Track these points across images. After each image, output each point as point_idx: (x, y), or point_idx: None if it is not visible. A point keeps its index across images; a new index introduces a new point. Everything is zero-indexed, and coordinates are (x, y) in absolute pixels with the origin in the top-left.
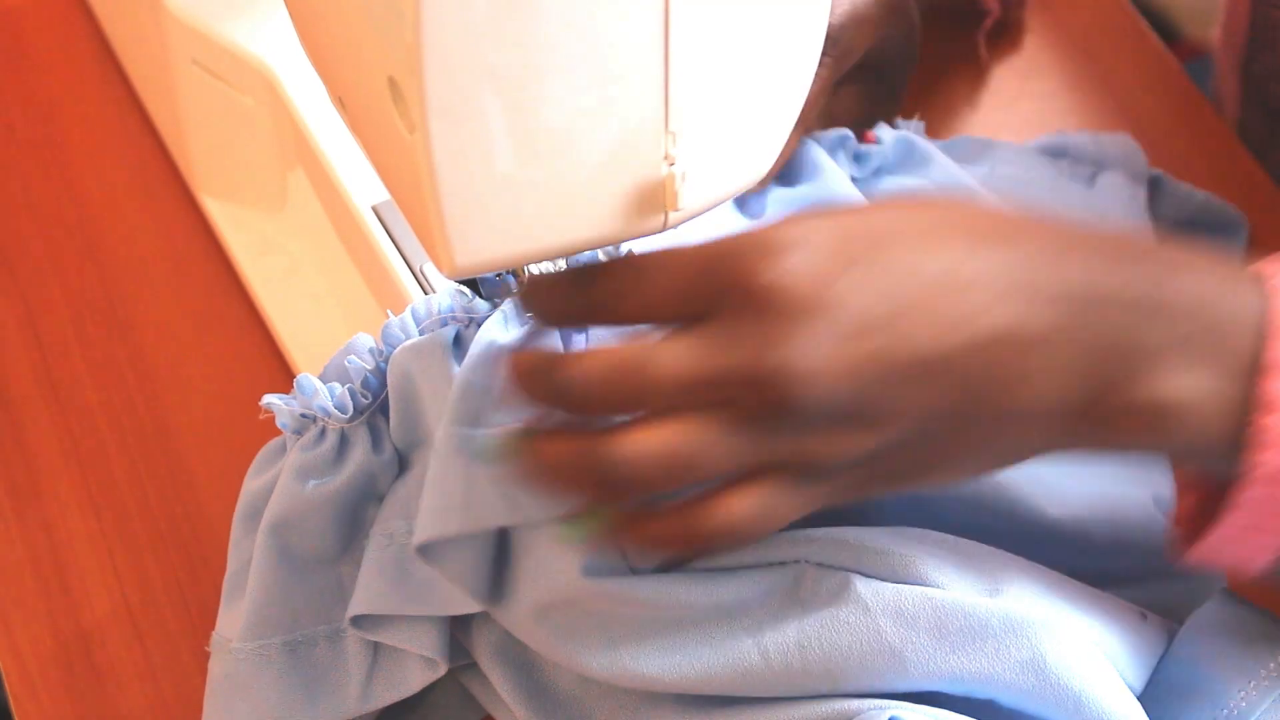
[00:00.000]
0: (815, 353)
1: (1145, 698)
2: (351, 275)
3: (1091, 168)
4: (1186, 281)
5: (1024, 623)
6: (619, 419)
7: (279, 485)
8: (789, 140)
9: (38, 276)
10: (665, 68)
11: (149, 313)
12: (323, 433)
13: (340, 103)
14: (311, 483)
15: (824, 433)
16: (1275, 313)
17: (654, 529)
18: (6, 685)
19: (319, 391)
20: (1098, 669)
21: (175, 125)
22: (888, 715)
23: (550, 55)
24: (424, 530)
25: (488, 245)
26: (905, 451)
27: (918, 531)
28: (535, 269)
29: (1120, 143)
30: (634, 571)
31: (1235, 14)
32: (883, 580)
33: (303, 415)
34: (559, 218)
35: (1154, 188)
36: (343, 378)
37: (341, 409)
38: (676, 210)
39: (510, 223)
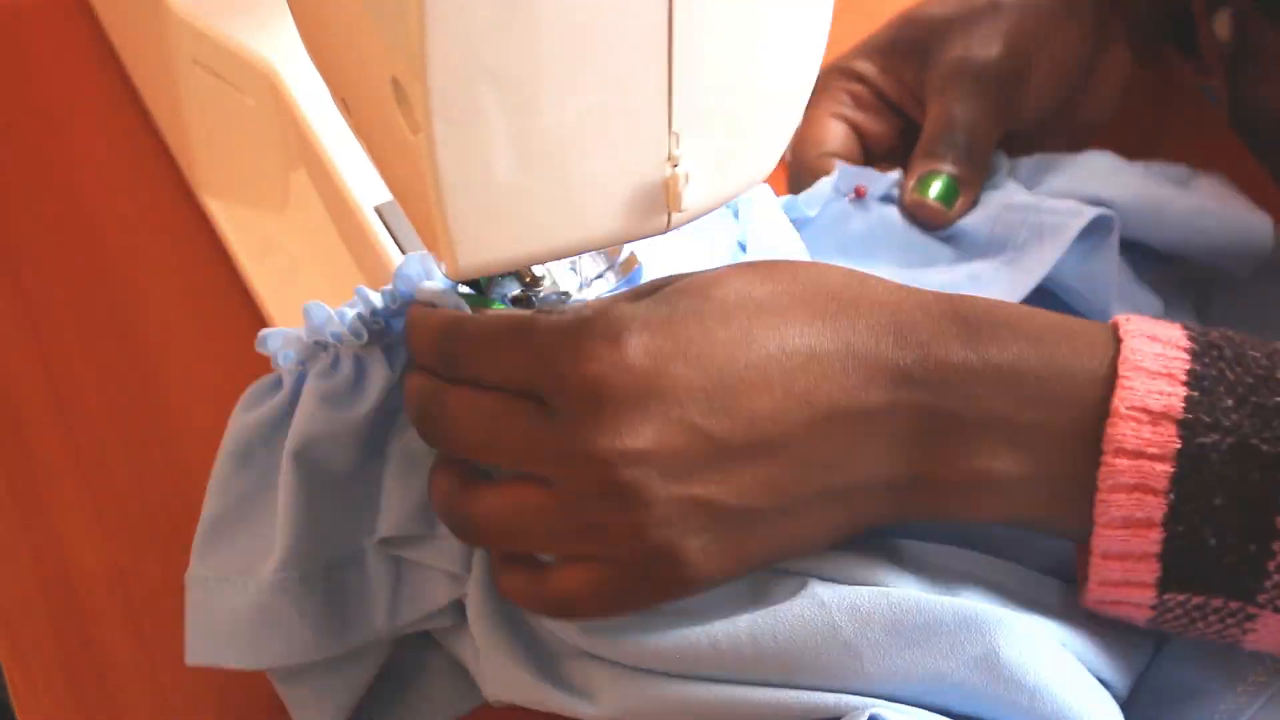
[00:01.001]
0: (640, 442)
1: (1139, 699)
2: (354, 276)
3: (1179, 176)
4: (1020, 352)
5: (978, 619)
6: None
7: (302, 411)
8: (968, 188)
9: (38, 276)
10: (669, 68)
11: (150, 313)
12: (336, 360)
13: (343, 103)
14: (337, 410)
15: (654, 522)
16: (1123, 358)
17: (503, 583)
18: (9, 685)
19: (330, 318)
20: (1056, 664)
21: (177, 125)
22: (868, 714)
23: (554, 56)
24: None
25: (491, 246)
26: (740, 537)
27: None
28: (536, 270)
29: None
30: None
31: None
32: (840, 583)
33: (315, 343)
34: (562, 218)
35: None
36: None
37: (356, 334)
38: (680, 211)
39: (514, 223)
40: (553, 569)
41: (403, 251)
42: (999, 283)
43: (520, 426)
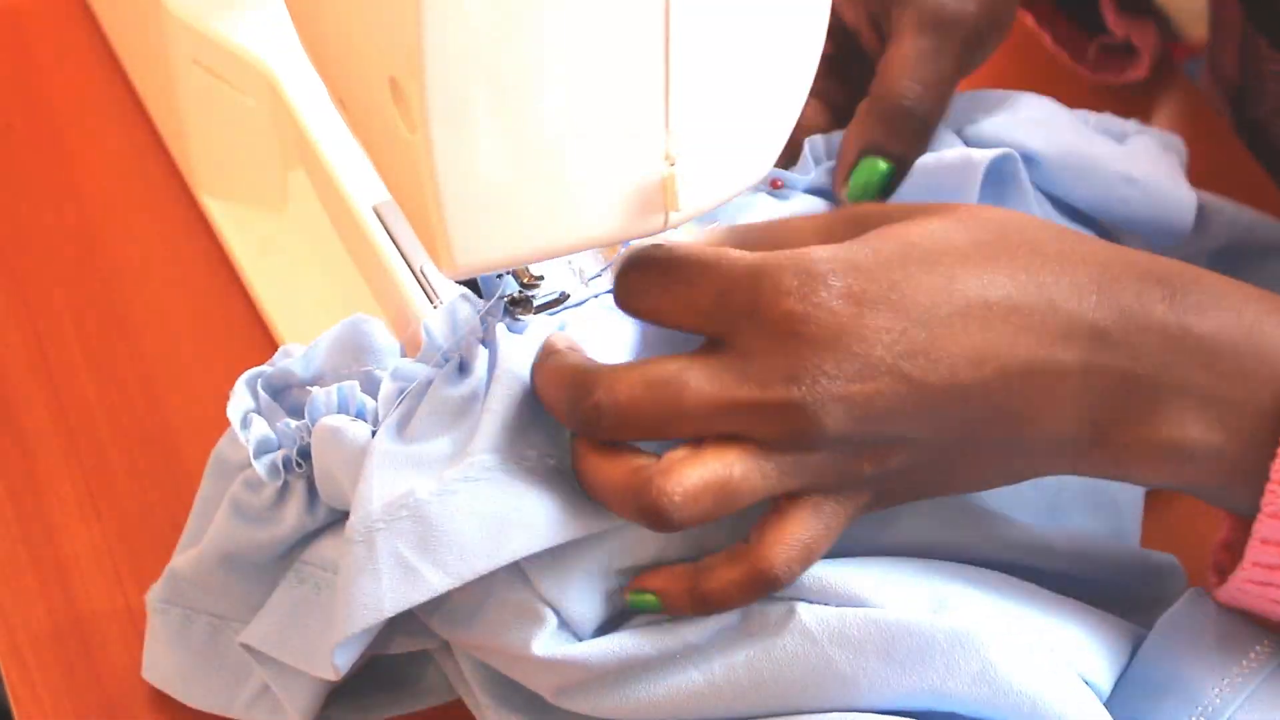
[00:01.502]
0: (838, 385)
1: (1119, 697)
2: (352, 275)
3: (1120, 131)
4: (1216, 319)
5: (970, 635)
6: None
7: (220, 518)
8: (910, 165)
9: (38, 276)
10: (666, 67)
11: (149, 312)
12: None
13: (341, 103)
14: (248, 525)
15: (848, 456)
16: None
17: (708, 589)
18: (6, 684)
19: (256, 437)
20: (1051, 672)
21: (176, 125)
22: None
23: (551, 55)
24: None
25: (488, 245)
26: (922, 469)
27: (856, 559)
28: (535, 269)
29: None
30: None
31: (1224, 64)
32: (825, 604)
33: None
34: (560, 217)
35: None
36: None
37: (271, 474)
38: (677, 210)
39: (511, 222)
40: (762, 535)
41: (401, 251)
42: None
43: (703, 388)
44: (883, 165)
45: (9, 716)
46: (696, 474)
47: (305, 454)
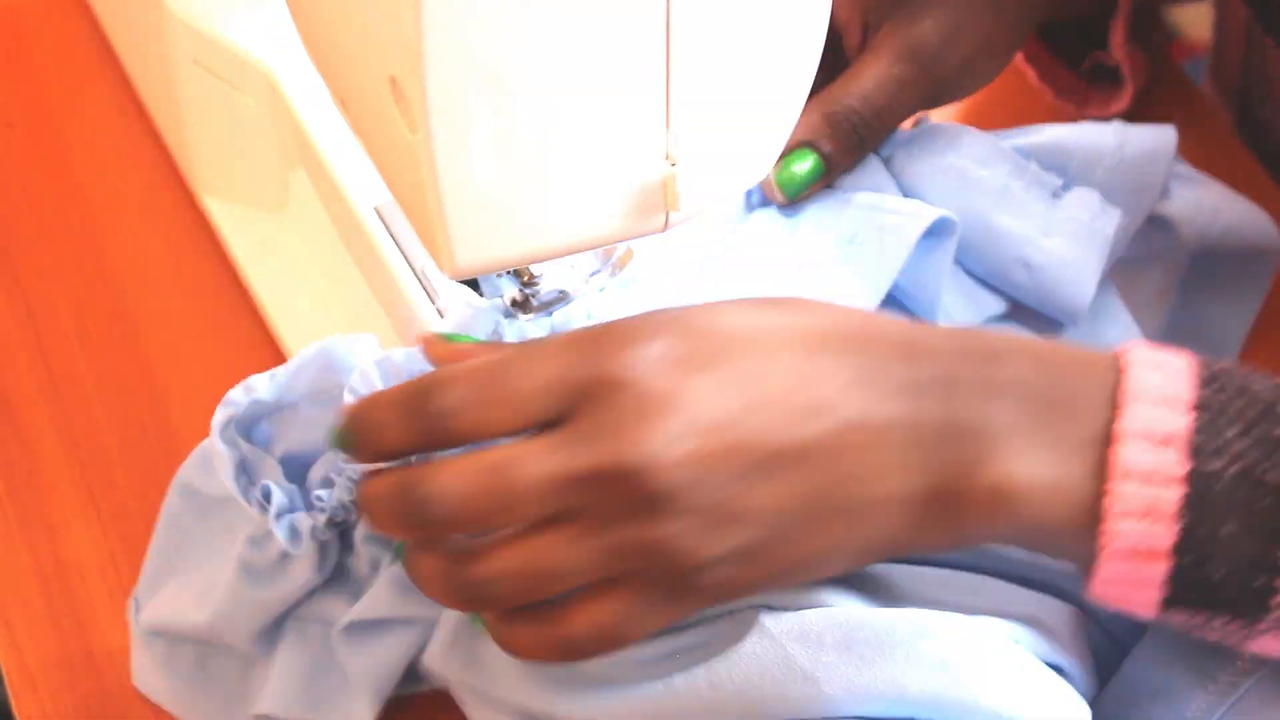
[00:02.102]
0: (672, 449)
1: (1106, 701)
2: (353, 276)
3: (1062, 178)
4: (1028, 371)
5: (930, 625)
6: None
7: (228, 585)
8: (836, 172)
9: (39, 276)
10: (666, 67)
11: (150, 313)
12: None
13: (342, 103)
14: (257, 586)
15: (685, 532)
16: (1125, 387)
17: (518, 640)
18: (8, 684)
19: (275, 502)
20: (1014, 662)
21: (176, 125)
22: None
23: (551, 54)
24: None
25: (489, 245)
26: (766, 550)
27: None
28: (535, 269)
29: (1138, 150)
30: None
31: (1229, 64)
32: (785, 610)
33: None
34: (560, 217)
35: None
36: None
37: (295, 539)
38: (678, 210)
39: (512, 223)
40: (567, 608)
41: (402, 251)
42: (843, 280)
43: (538, 466)
44: (813, 158)
45: (9, 716)
46: (504, 556)
47: (330, 523)
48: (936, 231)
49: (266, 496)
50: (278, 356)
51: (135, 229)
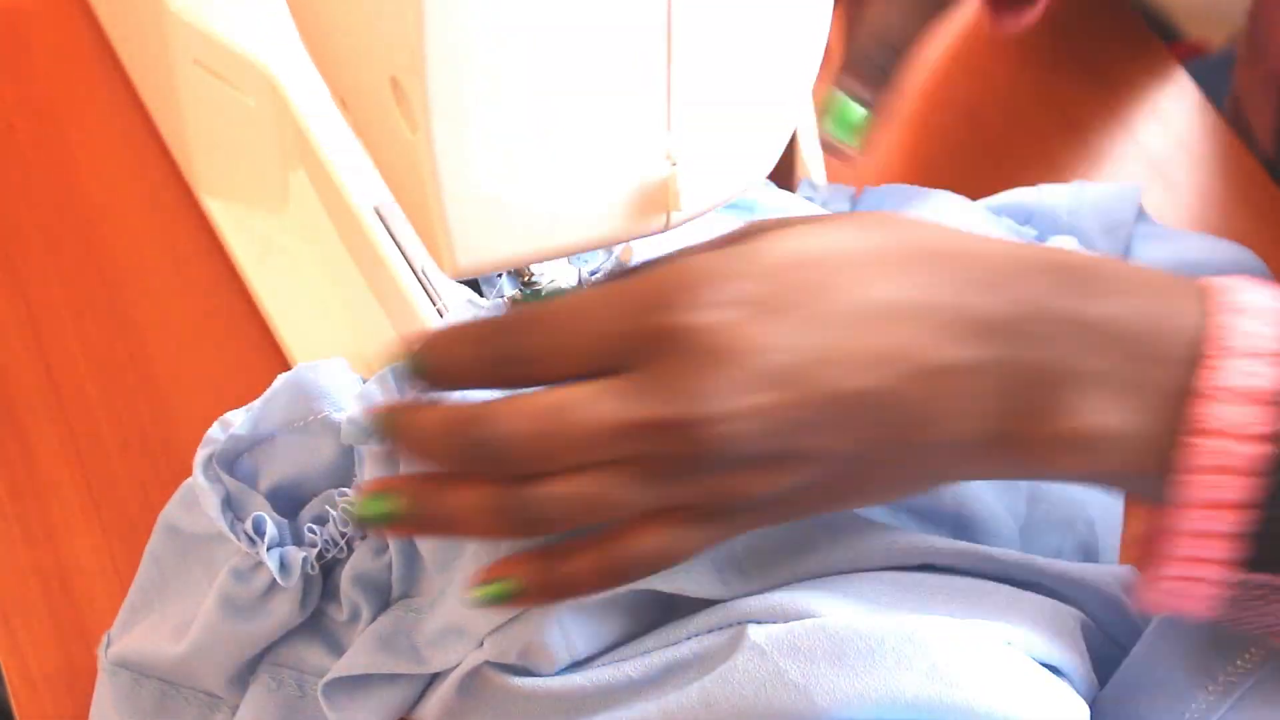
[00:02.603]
0: (734, 399)
1: (1107, 699)
2: (353, 276)
3: (1038, 228)
4: (1118, 305)
5: (920, 632)
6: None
7: (207, 617)
8: (885, 113)
9: (39, 276)
10: (668, 67)
11: (150, 313)
12: (258, 564)
13: (342, 103)
14: (237, 619)
15: (740, 475)
16: (1211, 336)
17: (564, 572)
18: (8, 685)
19: (267, 534)
20: (1008, 665)
21: (176, 125)
22: None
23: (552, 54)
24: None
25: (490, 245)
26: (822, 486)
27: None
28: (535, 269)
29: (1098, 194)
30: (528, 673)
31: (1272, 53)
32: (773, 623)
33: (249, 550)
34: (561, 217)
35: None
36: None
37: (286, 572)
38: (679, 210)
39: (512, 223)
40: (621, 534)
41: (402, 251)
42: None
43: (595, 413)
44: (857, 104)
45: (10, 716)
46: (562, 488)
47: (320, 557)
48: None
49: (258, 529)
50: (278, 356)
51: (135, 229)
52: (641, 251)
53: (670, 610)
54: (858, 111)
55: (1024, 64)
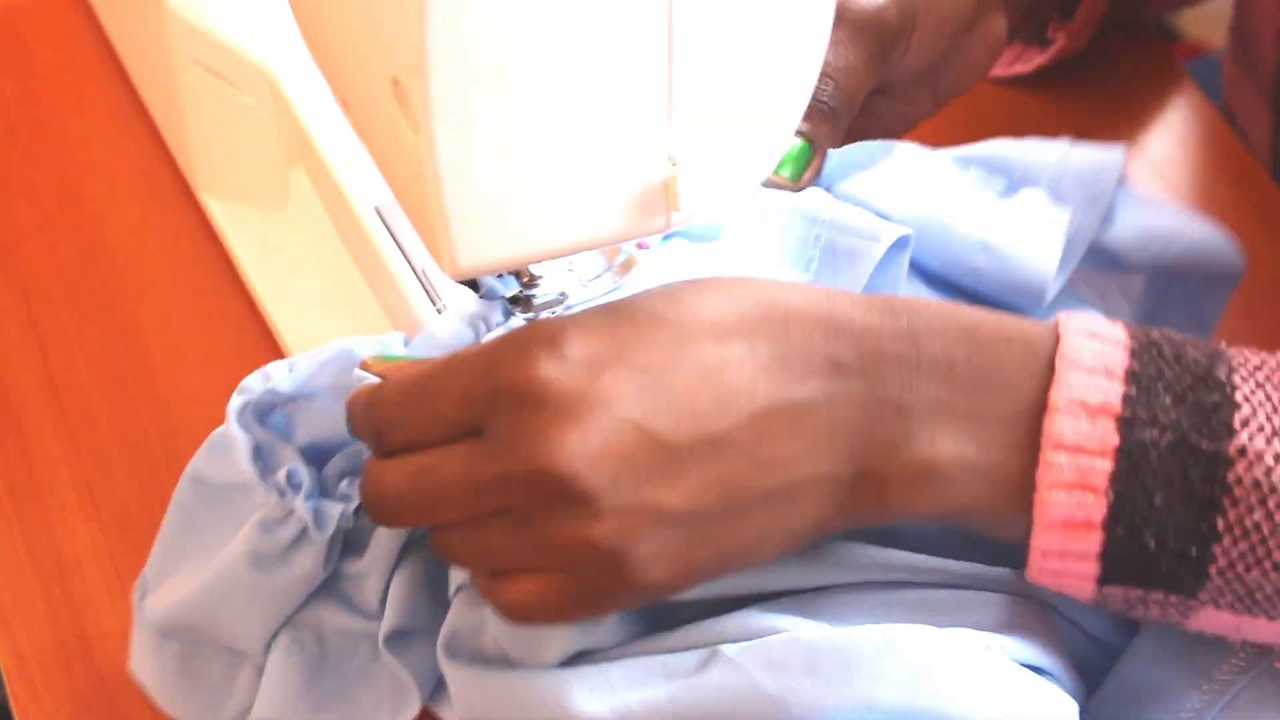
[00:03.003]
0: (586, 447)
1: (1101, 700)
2: (353, 276)
3: (1007, 179)
4: (944, 337)
5: (897, 639)
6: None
7: (226, 559)
8: (826, 135)
9: (39, 276)
10: (668, 67)
11: (150, 313)
12: (287, 515)
13: (343, 103)
14: (262, 571)
15: (608, 531)
16: (1059, 354)
17: (483, 588)
18: (7, 685)
19: (304, 486)
20: (987, 669)
21: (177, 124)
22: None
23: (554, 55)
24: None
25: (491, 246)
26: (692, 545)
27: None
28: (535, 269)
29: (1082, 160)
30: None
31: (1260, 48)
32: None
33: (279, 503)
34: (562, 218)
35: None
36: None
37: (321, 524)
38: (679, 210)
39: (513, 223)
40: (506, 577)
41: (402, 251)
42: None
43: (460, 466)
44: (798, 141)
45: (9, 716)
46: (452, 534)
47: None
48: (893, 246)
49: (293, 480)
50: (277, 356)
51: (135, 229)
52: (645, 260)
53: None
54: (793, 143)
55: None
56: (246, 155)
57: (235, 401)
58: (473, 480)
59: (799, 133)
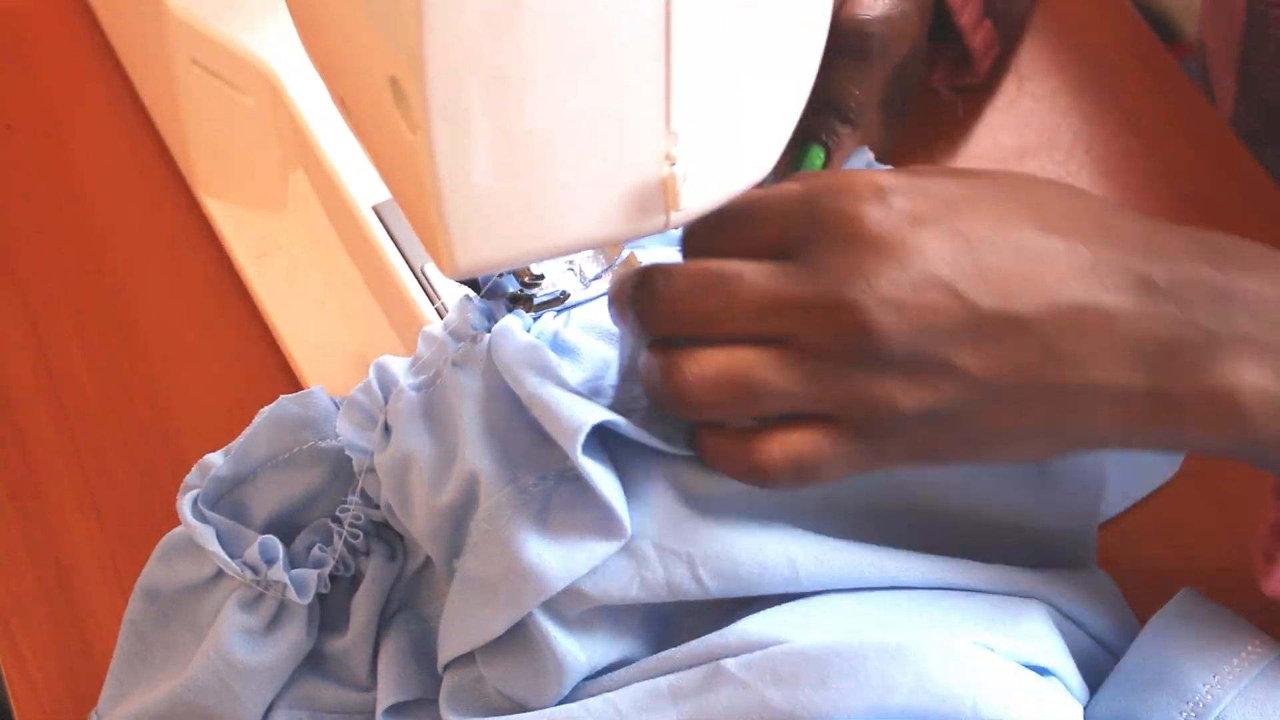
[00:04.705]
0: (895, 292)
1: (1111, 691)
2: (352, 276)
3: None
4: (1262, 275)
5: (900, 646)
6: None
7: (212, 644)
8: (846, 140)
9: (38, 277)
10: (667, 67)
11: (149, 313)
12: (262, 594)
13: (342, 103)
14: (247, 649)
15: (890, 379)
16: None
17: (711, 446)
18: (7, 685)
19: (278, 563)
20: (987, 669)
21: (176, 125)
22: None
23: (552, 55)
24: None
25: (489, 245)
26: (966, 417)
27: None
28: (535, 269)
29: None
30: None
31: (1230, 12)
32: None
33: (254, 580)
34: (561, 217)
35: None
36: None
37: (302, 591)
38: (678, 210)
39: (512, 223)
40: (770, 431)
41: (401, 251)
42: None
43: (762, 281)
44: (817, 151)
45: (9, 715)
46: (716, 358)
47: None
48: None
49: (267, 554)
50: (278, 356)
51: (135, 229)
52: (646, 256)
53: (673, 627)
54: (816, 154)
55: (1025, 67)
56: (246, 156)
57: (183, 498)
58: (772, 295)
59: (818, 140)
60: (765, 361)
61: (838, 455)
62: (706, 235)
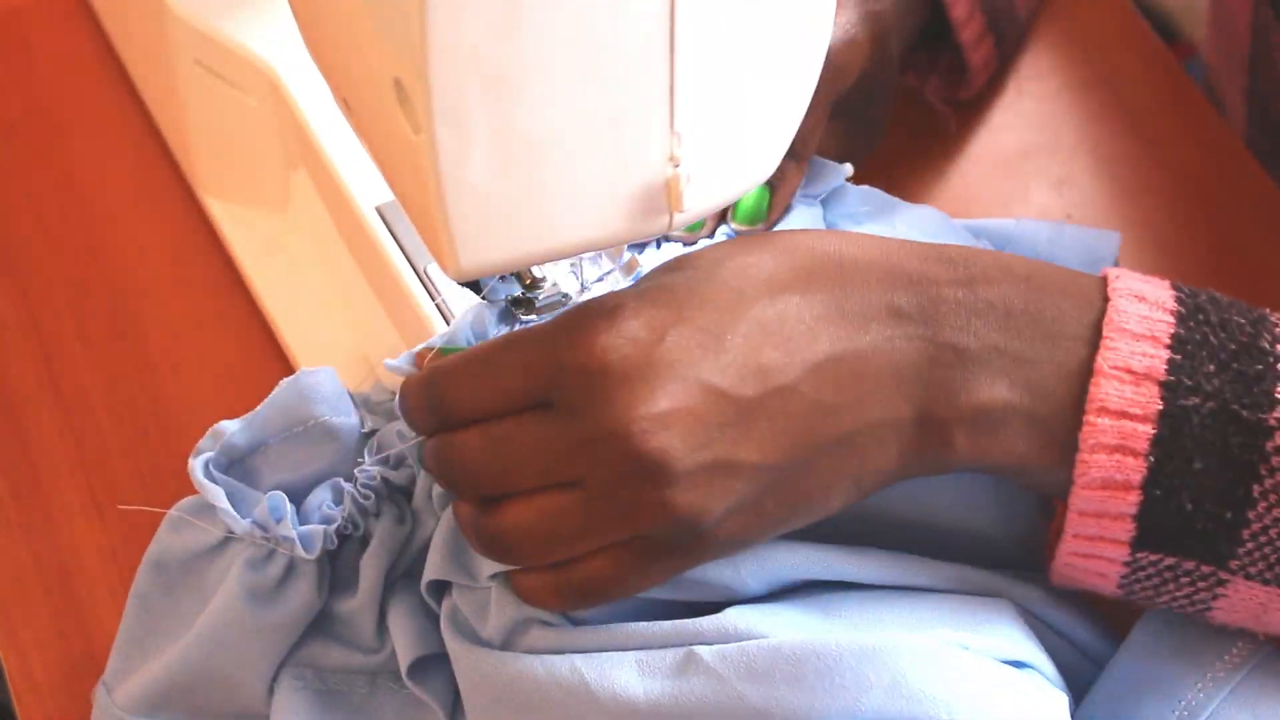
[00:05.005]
0: (658, 411)
1: (1100, 694)
2: (355, 276)
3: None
4: (1002, 285)
5: (877, 648)
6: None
7: (221, 603)
8: (791, 174)
9: (40, 276)
10: (670, 69)
11: (152, 313)
12: (271, 552)
13: (345, 104)
14: (258, 608)
15: (683, 493)
16: (1107, 318)
17: (524, 585)
18: (10, 685)
19: (286, 519)
20: (964, 670)
21: (178, 125)
22: None
23: (555, 56)
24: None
25: (493, 246)
26: (767, 497)
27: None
28: (537, 271)
29: (1084, 240)
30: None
31: (1234, 33)
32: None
33: (263, 537)
34: (564, 219)
35: None
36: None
37: (309, 546)
38: (681, 211)
39: (515, 224)
40: (576, 560)
41: (404, 251)
42: None
43: (534, 436)
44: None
45: (12, 716)
46: (518, 510)
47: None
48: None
49: (275, 511)
50: (278, 356)
51: (135, 229)
52: (647, 262)
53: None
54: (758, 195)
55: (1025, 68)
56: (248, 156)
57: (195, 460)
58: (547, 447)
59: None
60: (565, 508)
61: (651, 570)
62: (461, 389)
